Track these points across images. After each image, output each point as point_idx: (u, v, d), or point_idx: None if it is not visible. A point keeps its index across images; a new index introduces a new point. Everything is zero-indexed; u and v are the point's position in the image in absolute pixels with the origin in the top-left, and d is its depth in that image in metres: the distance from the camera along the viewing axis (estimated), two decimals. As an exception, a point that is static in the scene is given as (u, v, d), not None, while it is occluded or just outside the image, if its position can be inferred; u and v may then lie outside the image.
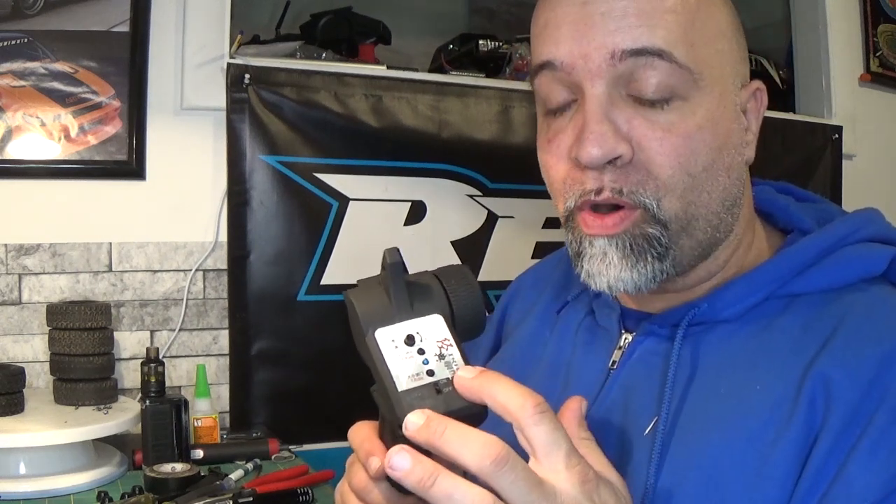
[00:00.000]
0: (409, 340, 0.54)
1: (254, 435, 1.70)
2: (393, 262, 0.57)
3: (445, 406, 0.52)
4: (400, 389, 0.52)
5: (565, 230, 0.69)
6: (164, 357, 1.79)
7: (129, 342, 1.83)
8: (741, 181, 0.69)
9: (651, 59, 0.62)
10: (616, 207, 0.65)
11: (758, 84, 0.70)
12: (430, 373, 0.53)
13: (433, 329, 0.55)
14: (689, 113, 0.64)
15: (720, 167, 0.66)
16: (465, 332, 0.57)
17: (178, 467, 1.37)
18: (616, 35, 0.63)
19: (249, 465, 1.51)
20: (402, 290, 0.56)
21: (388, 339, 0.54)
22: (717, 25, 0.66)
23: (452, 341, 0.55)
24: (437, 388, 0.53)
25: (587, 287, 0.69)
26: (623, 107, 0.64)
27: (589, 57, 0.63)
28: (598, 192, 0.64)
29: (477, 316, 0.58)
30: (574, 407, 0.54)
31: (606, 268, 0.66)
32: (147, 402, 1.50)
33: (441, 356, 0.54)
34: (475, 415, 0.53)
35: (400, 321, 0.55)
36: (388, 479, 0.55)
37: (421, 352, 0.54)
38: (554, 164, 0.68)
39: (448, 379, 0.53)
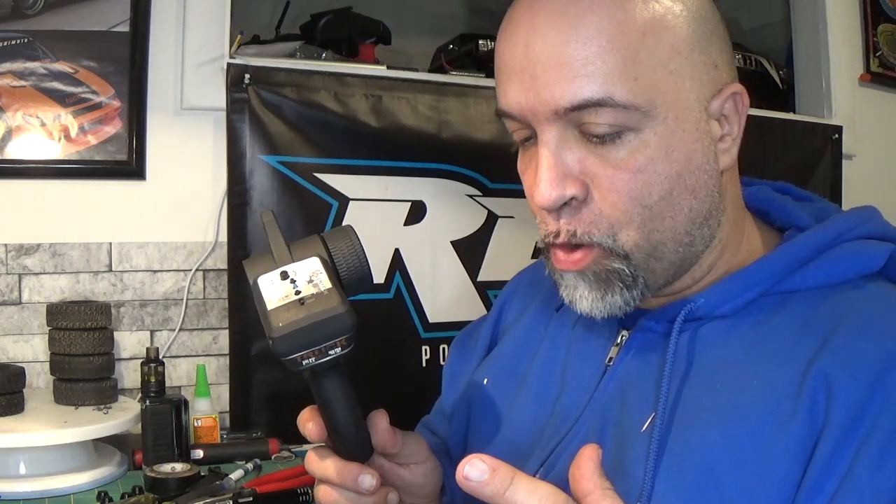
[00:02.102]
0: (283, 276, 0.60)
1: (254, 435, 1.70)
2: (268, 221, 0.64)
3: (307, 311, 0.57)
4: (269, 308, 0.58)
5: (544, 258, 0.72)
6: (164, 357, 1.79)
7: (129, 342, 1.83)
8: (713, 195, 0.68)
9: (594, 109, 0.62)
10: (580, 245, 0.67)
11: (734, 87, 0.67)
12: (298, 293, 0.59)
13: (308, 266, 0.60)
14: (640, 146, 0.64)
15: (682, 191, 0.65)
16: (349, 277, 0.63)
17: (178, 467, 1.37)
18: (555, 89, 0.63)
19: (249, 465, 1.51)
20: (280, 241, 0.62)
21: (267, 281, 0.60)
22: (670, 45, 0.63)
23: (323, 271, 0.60)
24: (301, 301, 0.58)
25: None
26: (575, 146, 0.65)
27: (535, 110, 0.64)
28: (557, 234, 0.67)
29: (358, 260, 0.64)
30: (592, 456, 0.52)
31: (579, 299, 0.68)
32: (147, 402, 1.50)
33: (310, 281, 0.59)
34: (339, 315, 0.57)
35: (278, 267, 0.61)
36: None
37: (293, 282, 0.59)
38: (527, 194, 0.70)
39: (312, 294, 0.58)
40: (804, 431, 0.59)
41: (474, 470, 0.48)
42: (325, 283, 0.59)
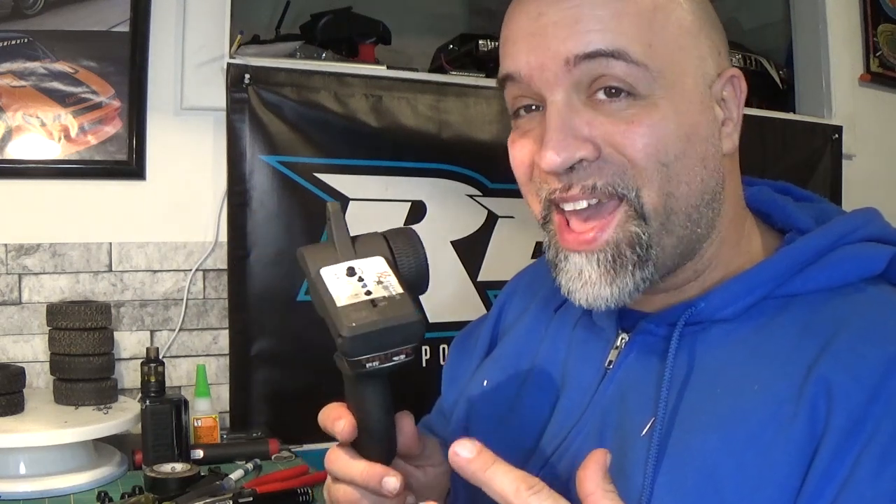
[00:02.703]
0: (350, 272, 0.58)
1: (254, 435, 1.70)
2: (335, 212, 0.61)
3: (380, 315, 0.56)
4: (339, 305, 0.56)
5: (543, 231, 0.70)
6: (164, 357, 1.79)
7: (129, 342, 1.83)
8: (719, 173, 0.68)
9: (606, 61, 0.62)
10: (593, 211, 0.65)
11: (732, 71, 0.69)
12: (368, 293, 0.57)
13: (374, 265, 0.59)
14: (651, 107, 0.64)
15: (694, 157, 0.65)
16: (409, 279, 0.61)
17: (178, 467, 1.37)
18: (568, 42, 0.63)
19: (249, 465, 1.51)
20: (344, 234, 0.60)
21: (331, 274, 0.58)
22: (679, 23, 0.65)
23: (392, 273, 0.58)
24: (373, 303, 0.56)
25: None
26: (583, 111, 0.64)
27: (545, 66, 0.64)
28: (568, 188, 0.65)
29: (419, 263, 0.62)
30: (599, 459, 0.53)
31: (583, 286, 0.66)
32: (147, 402, 1.50)
33: (380, 282, 0.58)
34: (412, 323, 0.56)
35: (343, 261, 0.59)
36: None
37: (360, 279, 0.58)
38: (518, 166, 0.69)
39: (384, 297, 0.57)
40: (805, 435, 0.59)
41: (464, 449, 0.54)
42: (395, 286, 0.57)
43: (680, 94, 0.65)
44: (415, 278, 0.62)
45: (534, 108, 0.68)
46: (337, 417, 0.66)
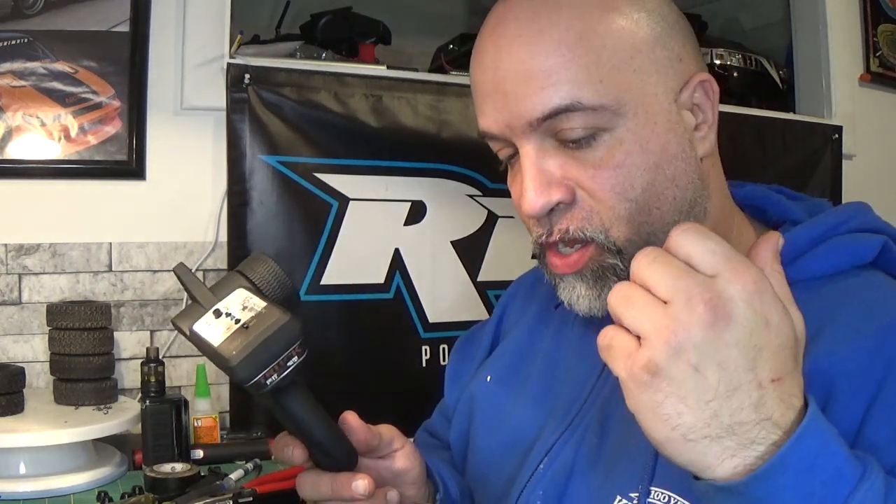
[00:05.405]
0: (217, 314, 0.62)
1: (254, 435, 1.70)
2: (182, 273, 0.65)
3: (254, 332, 0.59)
4: (216, 345, 0.60)
5: (539, 264, 0.74)
6: (164, 357, 1.78)
7: (129, 342, 1.83)
8: (695, 183, 0.69)
9: (565, 115, 0.65)
10: (575, 242, 0.69)
11: (701, 76, 0.70)
12: (237, 321, 0.60)
13: (237, 298, 0.62)
14: (615, 143, 0.66)
15: (663, 182, 0.67)
16: (274, 293, 0.65)
17: (178, 467, 1.37)
18: (526, 102, 0.66)
19: (249, 465, 1.51)
20: (200, 286, 0.63)
21: (203, 324, 0.62)
22: (631, 45, 0.66)
23: (253, 296, 0.62)
24: (245, 327, 0.60)
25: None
26: (554, 154, 0.67)
27: (511, 125, 0.67)
28: (549, 234, 0.69)
29: (280, 280, 0.65)
30: (772, 241, 0.54)
31: (577, 298, 0.70)
32: (147, 402, 1.50)
33: (244, 308, 0.61)
34: (285, 325, 0.59)
35: (208, 309, 0.62)
36: None
37: (228, 315, 0.61)
38: (515, 205, 0.73)
39: (252, 317, 0.60)
40: None
41: None
42: (259, 304, 0.61)
43: (643, 118, 0.66)
44: (282, 294, 0.65)
45: (514, 156, 0.71)
46: (284, 446, 0.68)
